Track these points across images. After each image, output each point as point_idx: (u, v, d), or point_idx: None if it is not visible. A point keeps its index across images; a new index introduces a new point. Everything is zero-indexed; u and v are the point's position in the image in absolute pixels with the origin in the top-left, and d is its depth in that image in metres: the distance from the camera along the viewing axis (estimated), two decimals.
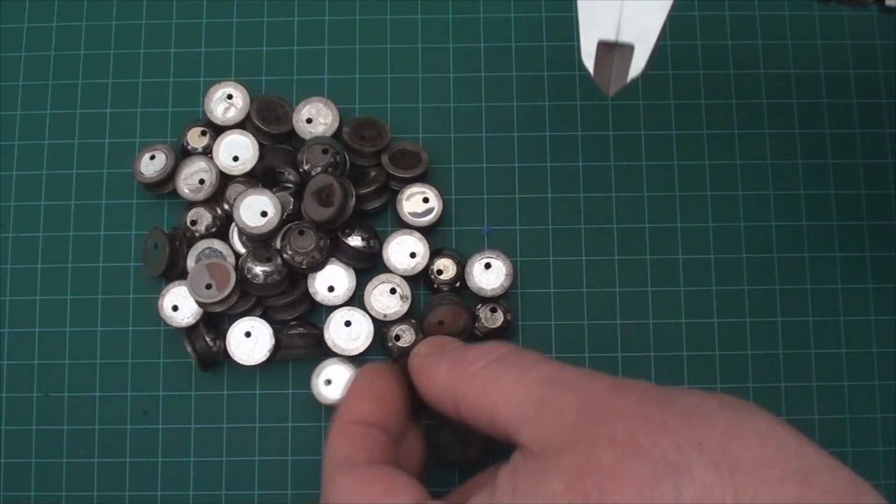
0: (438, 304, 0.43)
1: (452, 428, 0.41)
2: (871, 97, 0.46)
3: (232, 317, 0.43)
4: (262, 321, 0.43)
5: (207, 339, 0.43)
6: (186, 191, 0.44)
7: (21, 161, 0.46)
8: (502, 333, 0.43)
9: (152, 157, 0.44)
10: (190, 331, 0.43)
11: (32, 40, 0.47)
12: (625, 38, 0.28)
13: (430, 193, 0.44)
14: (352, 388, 0.38)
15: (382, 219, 0.45)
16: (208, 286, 0.42)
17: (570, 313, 0.44)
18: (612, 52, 0.28)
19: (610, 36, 0.28)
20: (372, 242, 0.43)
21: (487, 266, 0.43)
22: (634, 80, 0.28)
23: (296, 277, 0.43)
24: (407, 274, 0.43)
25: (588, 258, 0.44)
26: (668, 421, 0.28)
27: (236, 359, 0.42)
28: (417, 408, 0.39)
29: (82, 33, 0.47)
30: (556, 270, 0.44)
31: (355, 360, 0.43)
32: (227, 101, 0.45)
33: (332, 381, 0.42)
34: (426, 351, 0.38)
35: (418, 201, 0.43)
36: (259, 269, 0.42)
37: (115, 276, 0.44)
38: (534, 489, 0.29)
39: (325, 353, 0.43)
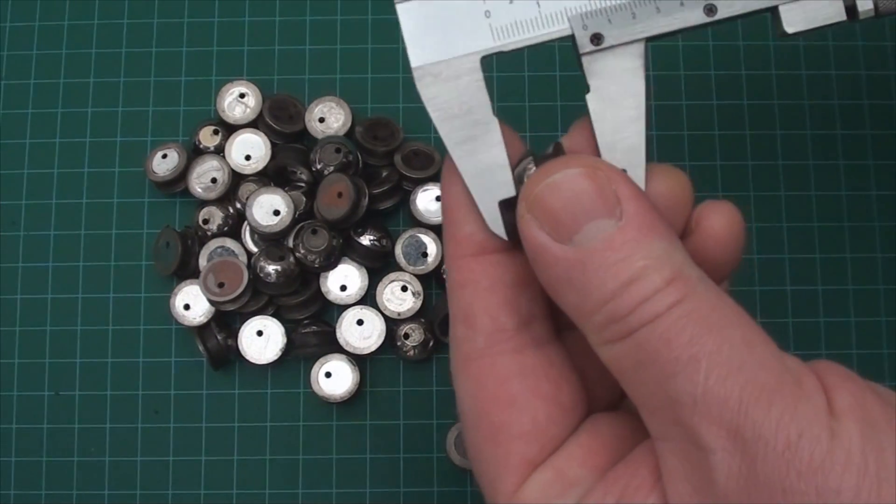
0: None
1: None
2: (882, 98, 0.46)
3: (244, 315, 0.43)
4: (275, 320, 0.43)
5: (219, 337, 0.43)
6: (199, 189, 0.44)
7: (32, 159, 0.45)
8: None
9: (164, 156, 0.44)
10: (202, 329, 0.43)
11: (44, 39, 0.47)
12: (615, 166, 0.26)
13: None
14: None
15: (395, 218, 0.45)
16: (220, 285, 0.42)
17: None
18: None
19: (509, 193, 0.26)
20: (384, 241, 0.43)
21: None
22: None
23: (308, 276, 0.43)
24: (419, 273, 0.43)
25: None
26: None
27: (248, 357, 0.42)
28: None
29: (94, 32, 0.47)
30: None
31: (367, 359, 0.43)
32: (239, 100, 0.45)
33: (331, 375, 0.42)
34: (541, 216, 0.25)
35: (431, 200, 0.43)
36: (271, 268, 0.42)
37: (127, 275, 0.44)
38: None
39: (338, 351, 0.43)
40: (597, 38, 0.26)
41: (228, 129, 0.45)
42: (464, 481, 0.43)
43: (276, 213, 0.42)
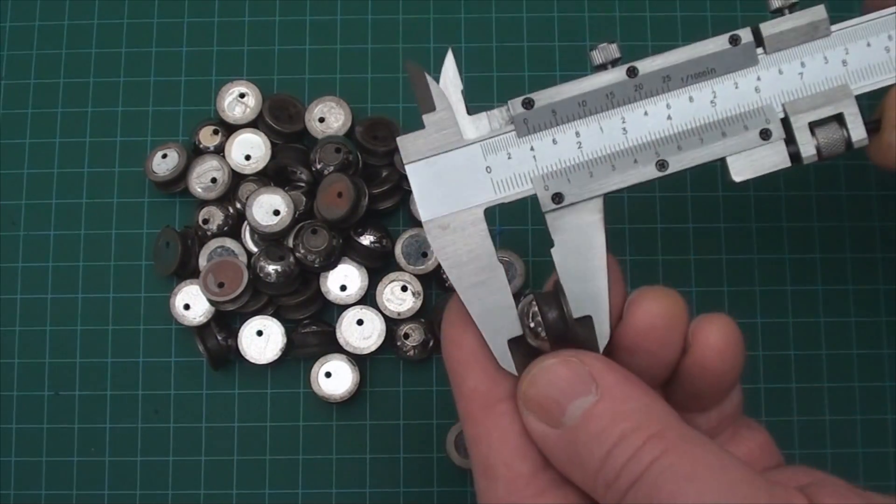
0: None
1: None
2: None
3: (244, 315, 0.43)
4: (275, 320, 0.43)
5: (219, 337, 0.43)
6: (199, 189, 0.44)
7: (32, 159, 0.45)
8: None
9: (164, 156, 0.44)
10: (202, 329, 0.43)
11: (44, 39, 0.47)
12: (579, 313, 0.28)
13: None
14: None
15: (395, 218, 0.45)
16: (220, 285, 0.42)
17: None
18: (567, 330, 0.28)
19: (516, 332, 0.28)
20: (384, 241, 0.43)
21: None
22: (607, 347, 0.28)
23: (308, 276, 0.43)
24: (419, 273, 0.43)
25: None
26: None
27: (248, 357, 0.42)
28: None
29: (94, 32, 0.47)
30: None
31: (367, 359, 0.43)
32: (239, 100, 0.45)
33: (331, 375, 0.42)
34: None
35: None
36: (271, 268, 0.41)
37: (127, 275, 0.44)
38: None
39: (338, 351, 0.43)
40: (558, 197, 0.28)
41: (228, 129, 0.45)
42: (464, 481, 0.43)
43: (276, 213, 0.42)
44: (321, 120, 0.44)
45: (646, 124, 0.29)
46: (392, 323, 0.43)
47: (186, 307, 0.43)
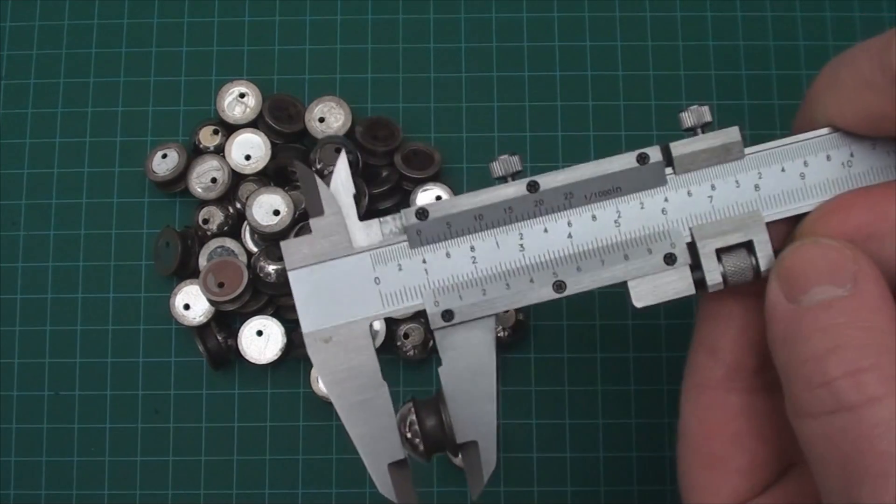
0: None
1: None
2: None
3: (244, 315, 0.43)
4: (275, 320, 0.43)
5: (219, 337, 0.43)
6: (199, 189, 0.44)
7: (32, 159, 0.45)
8: (515, 333, 0.43)
9: (164, 156, 0.44)
10: (201, 329, 0.43)
11: (44, 39, 0.47)
12: (464, 438, 0.27)
13: (443, 192, 0.44)
14: None
15: None
16: (220, 285, 0.42)
17: (582, 314, 0.44)
18: (467, 455, 0.28)
19: (398, 456, 0.27)
20: None
21: None
22: (491, 476, 0.28)
23: None
24: None
25: None
26: None
27: (248, 357, 0.43)
28: None
29: (94, 32, 0.47)
30: None
31: None
32: (239, 100, 0.45)
33: None
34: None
35: (431, 200, 0.43)
36: (272, 268, 0.42)
37: (127, 275, 0.44)
38: None
39: None
40: (448, 314, 0.27)
41: (228, 129, 0.45)
42: (464, 481, 0.42)
43: (276, 213, 0.42)
44: (321, 120, 0.44)
45: (545, 242, 0.28)
46: (392, 323, 0.43)
47: (186, 307, 0.43)
